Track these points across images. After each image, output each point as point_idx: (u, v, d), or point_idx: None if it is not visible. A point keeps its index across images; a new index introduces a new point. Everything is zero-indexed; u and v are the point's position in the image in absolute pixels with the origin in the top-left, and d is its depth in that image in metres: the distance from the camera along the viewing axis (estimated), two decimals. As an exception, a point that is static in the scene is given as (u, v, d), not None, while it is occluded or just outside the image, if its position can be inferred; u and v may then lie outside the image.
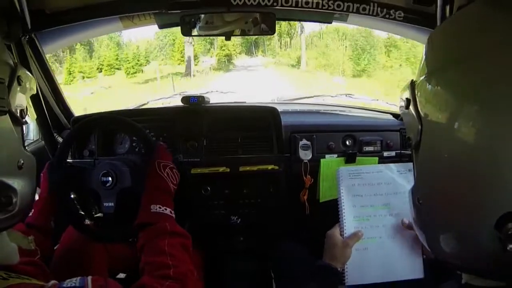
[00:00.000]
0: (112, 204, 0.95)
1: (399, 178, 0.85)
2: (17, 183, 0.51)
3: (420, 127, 0.42)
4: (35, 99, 1.08)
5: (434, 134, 0.40)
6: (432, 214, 0.43)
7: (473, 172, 0.36)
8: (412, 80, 0.46)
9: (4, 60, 0.53)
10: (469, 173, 0.36)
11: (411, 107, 0.45)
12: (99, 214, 1.00)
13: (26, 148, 0.62)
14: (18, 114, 0.53)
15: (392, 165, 0.87)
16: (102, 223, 1.00)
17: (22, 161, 0.53)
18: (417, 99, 0.44)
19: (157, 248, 0.71)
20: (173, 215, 0.80)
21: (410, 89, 0.45)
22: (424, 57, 0.45)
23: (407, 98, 0.46)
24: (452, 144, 0.37)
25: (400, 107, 0.49)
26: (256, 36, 10.71)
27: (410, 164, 0.86)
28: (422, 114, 0.42)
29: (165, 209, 0.79)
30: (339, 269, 0.78)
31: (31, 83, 0.59)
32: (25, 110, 0.56)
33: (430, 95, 0.41)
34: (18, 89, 0.54)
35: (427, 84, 0.42)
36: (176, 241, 0.74)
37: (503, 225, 0.34)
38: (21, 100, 0.54)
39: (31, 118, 1.12)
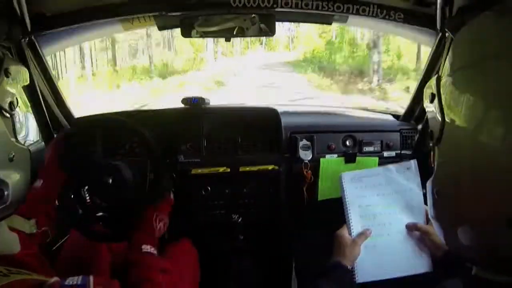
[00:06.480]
0: (105, 204, 0.95)
1: (398, 178, 0.89)
2: (8, 176, 0.51)
3: (443, 122, 0.43)
4: (35, 100, 1.08)
5: (456, 131, 0.41)
6: (449, 207, 0.44)
7: (492, 170, 0.36)
8: (438, 76, 0.47)
9: None
10: (488, 170, 0.37)
11: (435, 102, 0.46)
12: (100, 214, 1.01)
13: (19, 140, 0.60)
14: (7, 107, 0.52)
15: (390, 166, 0.91)
16: (88, 221, 0.99)
17: (13, 154, 0.52)
18: (442, 95, 0.45)
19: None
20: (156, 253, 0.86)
21: (435, 85, 0.46)
22: (449, 54, 0.46)
23: (432, 93, 0.47)
24: (473, 142, 0.38)
25: (425, 102, 0.50)
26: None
27: (408, 163, 0.90)
28: (445, 110, 0.43)
29: (153, 249, 0.83)
30: (349, 267, 0.80)
31: (22, 74, 0.58)
32: (14, 102, 0.55)
33: (454, 93, 0.42)
34: (6, 81, 0.53)
35: (452, 81, 0.43)
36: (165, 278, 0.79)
37: None
38: (9, 92, 0.54)
39: (31, 116, 1.12)
